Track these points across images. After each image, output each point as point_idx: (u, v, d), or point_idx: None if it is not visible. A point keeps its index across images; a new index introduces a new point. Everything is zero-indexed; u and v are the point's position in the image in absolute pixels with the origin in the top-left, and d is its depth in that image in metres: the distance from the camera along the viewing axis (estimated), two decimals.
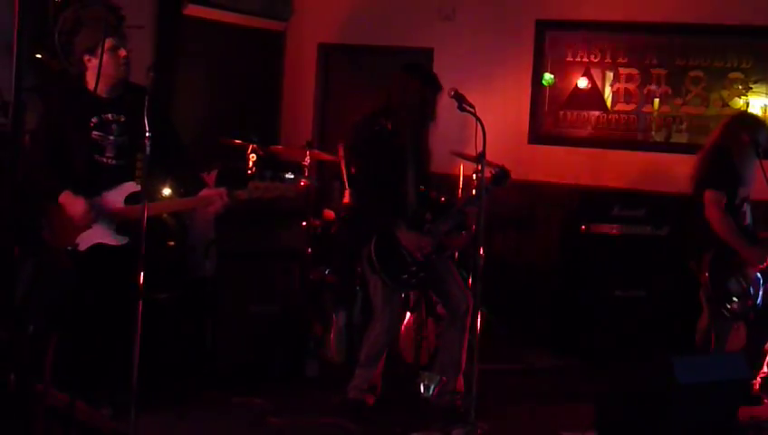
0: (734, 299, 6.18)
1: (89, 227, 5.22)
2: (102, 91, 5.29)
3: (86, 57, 5.30)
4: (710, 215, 6.19)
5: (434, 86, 5.81)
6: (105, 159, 5.32)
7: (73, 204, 5.17)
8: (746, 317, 6.29)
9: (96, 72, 5.09)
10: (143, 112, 4.58)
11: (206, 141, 7.61)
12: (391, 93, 5.83)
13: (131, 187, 5.28)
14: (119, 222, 5.26)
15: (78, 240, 5.22)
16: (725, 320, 6.27)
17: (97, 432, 4.47)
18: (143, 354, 4.48)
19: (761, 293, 6.24)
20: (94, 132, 5.30)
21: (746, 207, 6.37)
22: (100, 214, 5.23)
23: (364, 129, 5.88)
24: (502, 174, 6.04)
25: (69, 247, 5.21)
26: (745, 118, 6.84)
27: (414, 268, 5.74)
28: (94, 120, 5.30)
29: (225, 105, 8.56)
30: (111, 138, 5.33)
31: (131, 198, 5.24)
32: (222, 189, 5.22)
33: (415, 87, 5.77)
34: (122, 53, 5.28)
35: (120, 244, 5.25)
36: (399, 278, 5.74)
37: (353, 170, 7.08)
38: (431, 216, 5.85)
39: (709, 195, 6.21)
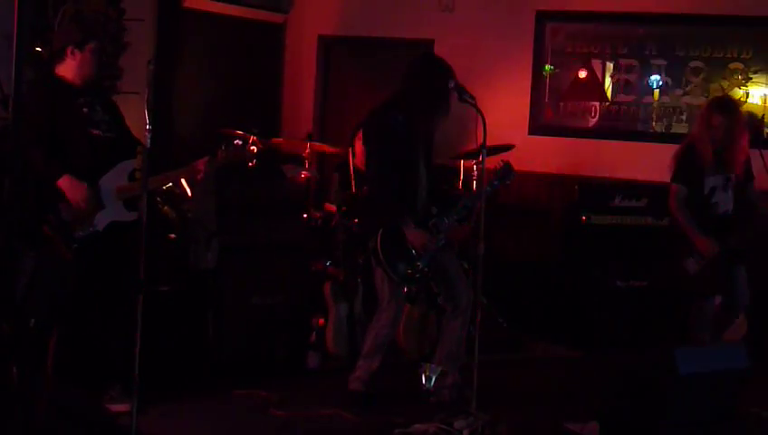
0: (692, 278, 6.34)
1: (101, 208, 5.29)
2: (77, 82, 5.42)
3: (69, 49, 5.38)
4: (669, 206, 6.43)
5: (450, 76, 5.65)
6: (100, 132, 5.41)
7: (74, 188, 5.21)
8: (712, 297, 6.44)
9: (74, 66, 5.36)
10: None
11: (207, 134, 7.61)
12: (406, 84, 5.73)
13: (129, 165, 5.33)
14: (125, 198, 5.34)
15: (95, 221, 5.29)
16: (698, 300, 6.42)
17: (99, 424, 4.48)
18: (145, 347, 4.49)
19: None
20: (83, 109, 5.40)
21: (719, 195, 6.37)
22: (104, 197, 5.30)
23: (377, 120, 5.81)
24: (506, 170, 5.96)
25: (90, 229, 5.27)
26: (718, 101, 6.77)
27: (419, 264, 5.71)
28: (79, 100, 5.41)
29: (225, 98, 8.55)
30: (99, 114, 5.44)
31: (134, 175, 5.32)
32: (204, 158, 5.49)
33: (431, 77, 5.67)
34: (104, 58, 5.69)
35: (133, 219, 5.31)
36: (404, 273, 5.71)
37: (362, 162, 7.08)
38: (437, 209, 5.79)
39: (671, 188, 6.42)
